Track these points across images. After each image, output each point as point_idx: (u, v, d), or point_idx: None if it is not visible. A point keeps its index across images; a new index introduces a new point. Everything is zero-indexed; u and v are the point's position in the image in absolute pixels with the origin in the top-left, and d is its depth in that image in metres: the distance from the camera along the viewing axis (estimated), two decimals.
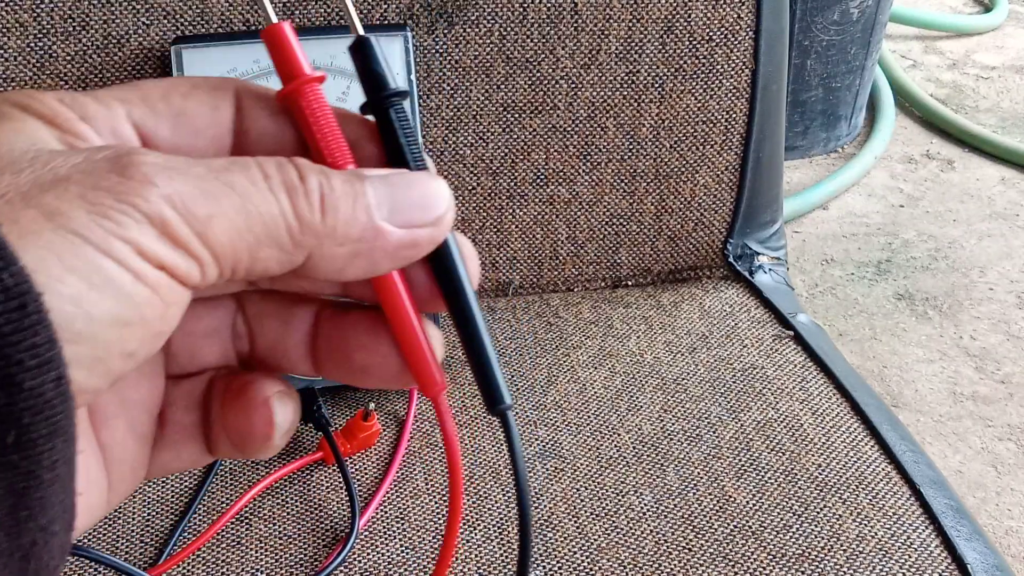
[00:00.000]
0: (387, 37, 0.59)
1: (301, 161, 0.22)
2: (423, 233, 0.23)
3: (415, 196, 0.23)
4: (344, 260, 0.22)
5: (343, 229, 0.21)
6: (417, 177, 0.23)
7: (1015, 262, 1.51)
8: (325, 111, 0.24)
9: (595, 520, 0.52)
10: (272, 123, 0.24)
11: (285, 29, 0.24)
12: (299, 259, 0.21)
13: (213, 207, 0.20)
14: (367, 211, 0.22)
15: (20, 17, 0.58)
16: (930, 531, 0.51)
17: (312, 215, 0.21)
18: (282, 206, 0.21)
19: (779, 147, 0.70)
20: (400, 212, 0.22)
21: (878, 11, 1.61)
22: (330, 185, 0.22)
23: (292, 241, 0.21)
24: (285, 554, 0.50)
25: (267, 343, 0.26)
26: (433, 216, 0.23)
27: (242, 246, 0.20)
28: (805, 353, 0.63)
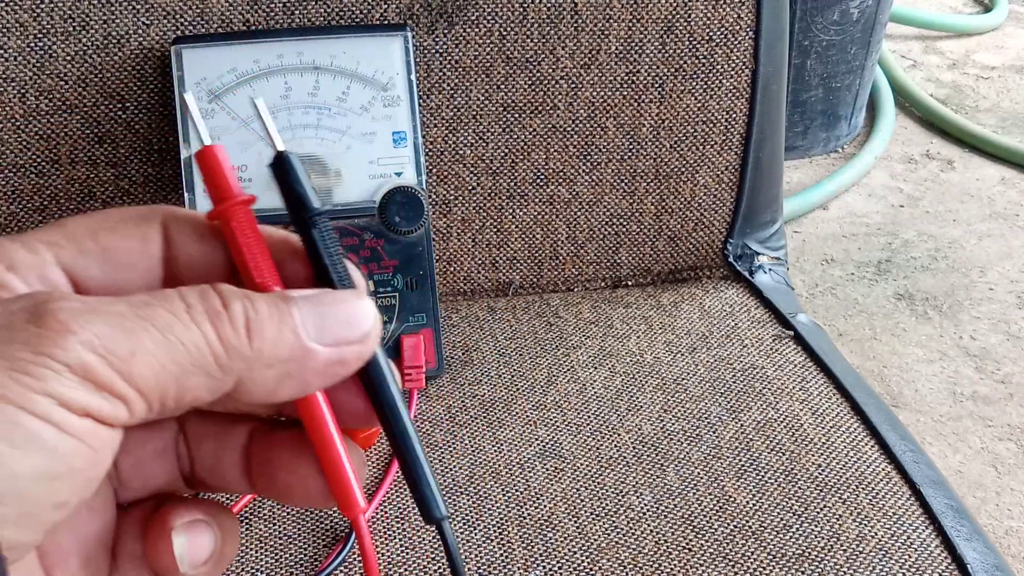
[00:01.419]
0: (387, 37, 0.59)
1: (224, 287, 0.22)
2: (351, 351, 0.23)
3: (341, 315, 0.23)
4: (274, 382, 0.22)
5: (271, 351, 0.22)
6: (343, 296, 0.23)
7: (1015, 262, 1.51)
8: (254, 232, 0.24)
9: (595, 520, 0.52)
10: (201, 248, 0.24)
11: (217, 152, 0.24)
12: (228, 384, 0.22)
13: (134, 344, 0.20)
14: (294, 332, 0.22)
15: (20, 17, 0.58)
16: (930, 531, 0.51)
17: (238, 340, 0.21)
18: (206, 334, 0.21)
19: (779, 147, 0.70)
20: (327, 331, 0.22)
21: (878, 11, 1.61)
22: (255, 309, 0.22)
23: (220, 367, 0.21)
24: (285, 554, 0.50)
25: (205, 463, 0.26)
26: (360, 333, 0.23)
27: (168, 379, 0.21)
28: (805, 353, 0.63)
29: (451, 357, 0.63)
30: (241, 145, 0.57)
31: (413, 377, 0.58)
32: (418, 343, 0.58)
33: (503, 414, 0.59)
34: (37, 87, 0.60)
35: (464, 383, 0.61)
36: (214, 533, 0.24)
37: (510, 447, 0.56)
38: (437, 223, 0.66)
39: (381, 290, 0.58)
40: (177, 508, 0.24)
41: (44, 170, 0.61)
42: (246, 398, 0.22)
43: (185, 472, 0.26)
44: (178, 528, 0.24)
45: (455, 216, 0.66)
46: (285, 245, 0.25)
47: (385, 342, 0.58)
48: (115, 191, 0.62)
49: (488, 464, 0.55)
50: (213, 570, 0.24)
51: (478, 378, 0.61)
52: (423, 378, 0.58)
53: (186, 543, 0.24)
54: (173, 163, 0.62)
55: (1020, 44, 2.13)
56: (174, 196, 0.62)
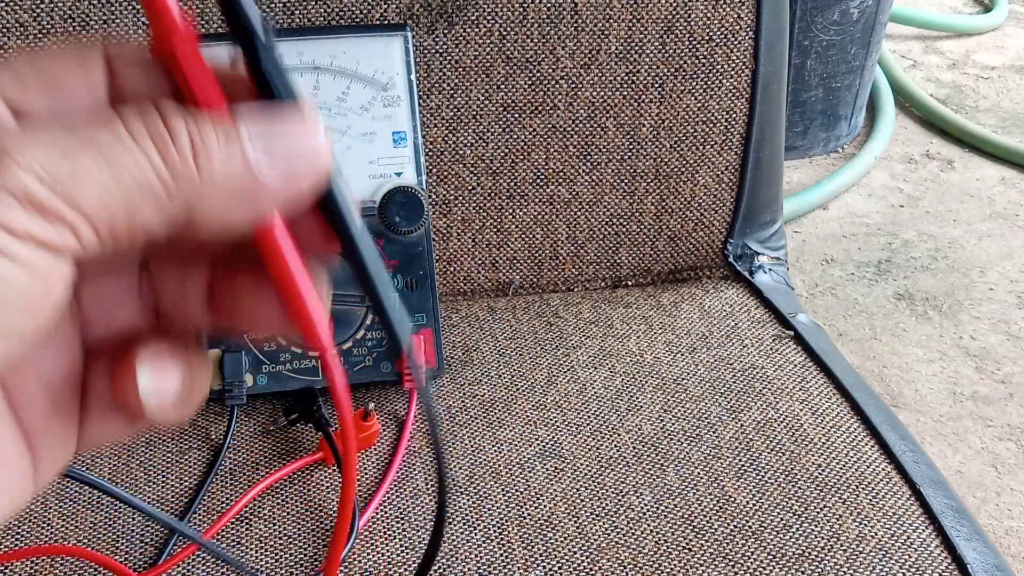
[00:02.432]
0: (387, 37, 0.59)
1: (165, 103, 0.21)
2: (303, 165, 0.22)
3: (291, 132, 0.22)
4: (226, 207, 0.21)
5: (220, 174, 0.21)
6: (292, 112, 0.22)
7: (1015, 262, 1.51)
8: (199, 61, 0.23)
9: (595, 520, 0.52)
10: (146, 78, 0.24)
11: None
12: (179, 212, 0.21)
13: (77, 168, 0.19)
14: (242, 152, 0.21)
15: (20, 17, 0.58)
16: (930, 531, 0.51)
17: (184, 164, 0.20)
18: (150, 157, 0.20)
19: (779, 147, 0.70)
20: (278, 149, 0.22)
21: (878, 11, 1.61)
22: (199, 129, 0.21)
23: (167, 192, 0.20)
24: (285, 554, 0.50)
25: (169, 302, 0.25)
26: (312, 150, 0.22)
27: (115, 204, 0.20)
28: (805, 353, 0.63)
29: (451, 357, 0.63)
30: None
31: (413, 377, 0.58)
32: (418, 343, 0.58)
33: (503, 414, 0.58)
34: None
35: (464, 383, 0.61)
36: (181, 368, 0.24)
37: (510, 447, 0.56)
38: (437, 223, 0.66)
39: None
40: (143, 344, 0.24)
41: None
42: (200, 226, 0.21)
43: (149, 315, 0.25)
44: (143, 362, 0.23)
45: (455, 216, 0.66)
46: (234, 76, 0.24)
47: (385, 343, 0.58)
48: None
49: (488, 464, 0.55)
50: (182, 408, 0.24)
51: (478, 378, 0.61)
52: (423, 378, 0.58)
53: (151, 378, 0.23)
54: None
55: (1020, 44, 2.13)
56: None
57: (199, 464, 0.55)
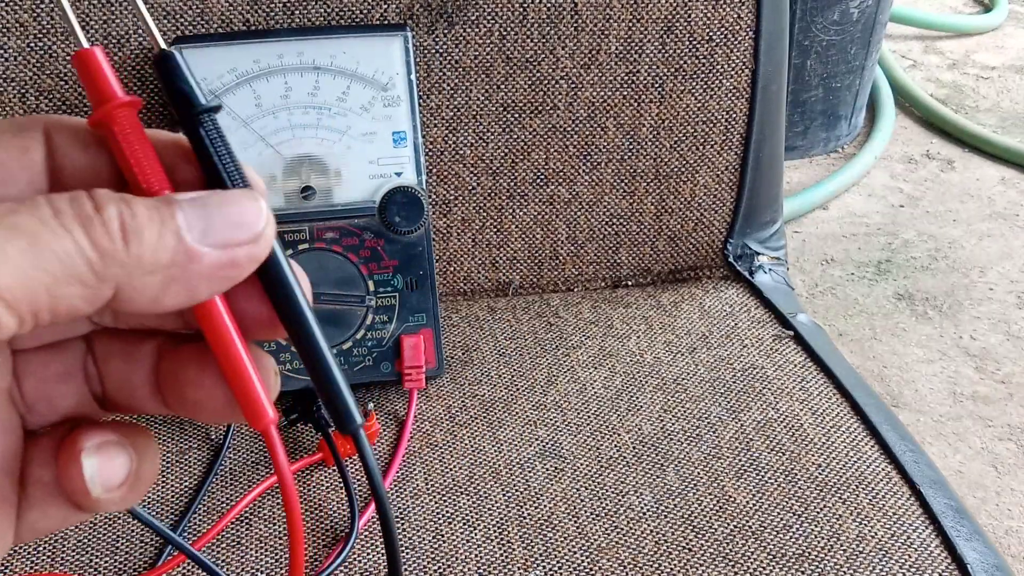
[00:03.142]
0: (387, 37, 0.59)
1: (99, 191, 0.21)
2: (242, 252, 0.22)
3: (230, 214, 0.22)
4: (158, 288, 0.21)
5: (151, 256, 0.21)
6: (232, 195, 0.22)
7: (1015, 262, 1.51)
8: (139, 136, 0.23)
9: (595, 520, 0.52)
10: (85, 156, 0.23)
11: (96, 54, 0.23)
12: (106, 292, 0.21)
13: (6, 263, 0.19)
14: (176, 234, 0.21)
15: (20, 17, 0.58)
16: (930, 531, 0.51)
17: (112, 245, 0.20)
18: (77, 240, 0.20)
19: (779, 147, 0.70)
20: (214, 232, 0.21)
21: (878, 11, 1.61)
22: (132, 212, 0.21)
23: (94, 275, 0.20)
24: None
25: (115, 383, 0.25)
26: (250, 233, 0.22)
27: (37, 287, 0.20)
28: (805, 353, 0.63)
29: (451, 357, 0.63)
30: (241, 145, 0.57)
31: (413, 377, 0.58)
32: (418, 343, 0.58)
33: (503, 414, 0.58)
34: (37, 87, 0.60)
35: (464, 383, 0.61)
36: (128, 454, 0.23)
37: (510, 447, 0.56)
38: (437, 223, 0.66)
39: (381, 290, 0.58)
40: (88, 430, 0.23)
41: None
42: (130, 307, 0.21)
43: (96, 394, 0.25)
44: (88, 449, 0.23)
45: (455, 216, 0.66)
46: (175, 148, 0.24)
47: (385, 342, 0.58)
48: None
49: (488, 464, 0.55)
50: (129, 493, 0.23)
51: (478, 378, 0.61)
52: (423, 378, 0.58)
53: (97, 465, 0.23)
54: None
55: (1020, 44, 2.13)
56: None
57: (199, 464, 0.55)
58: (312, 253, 0.57)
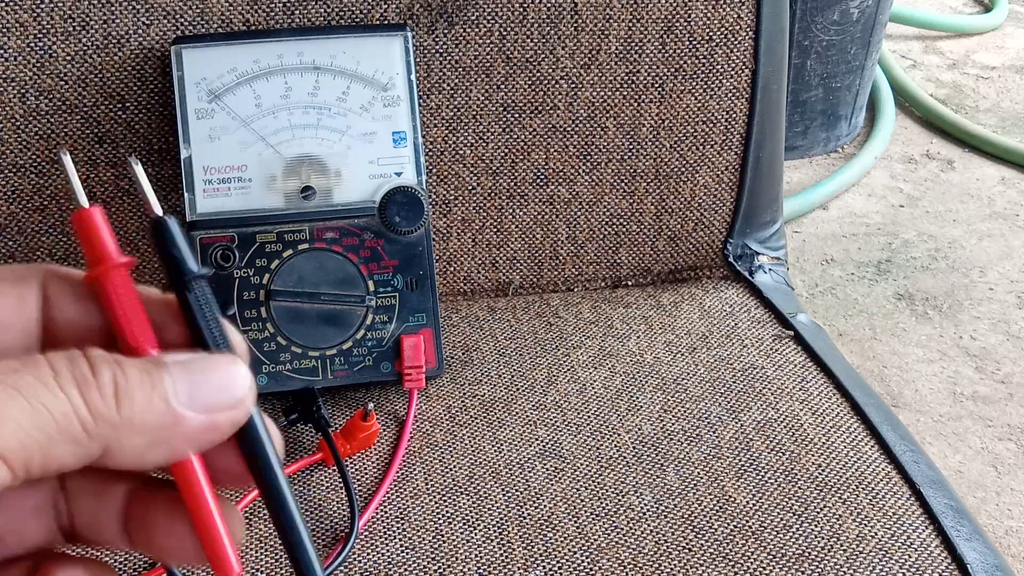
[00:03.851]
0: (387, 37, 0.59)
1: (94, 352, 0.22)
2: (223, 417, 0.23)
3: (214, 380, 0.23)
4: (143, 448, 0.22)
5: (140, 418, 0.22)
6: (217, 361, 0.23)
7: (1015, 262, 1.51)
8: (130, 295, 0.24)
9: (595, 520, 0.52)
10: (79, 308, 0.24)
11: (95, 215, 0.24)
12: (95, 451, 0.21)
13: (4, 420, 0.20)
14: (164, 399, 0.22)
15: (20, 17, 0.58)
16: (930, 531, 0.51)
17: (106, 407, 0.21)
18: (73, 402, 0.21)
19: (779, 147, 0.70)
20: (199, 397, 0.22)
21: (878, 11, 1.61)
22: (124, 375, 0.22)
23: (87, 434, 0.21)
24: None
25: (84, 520, 0.25)
26: (233, 399, 0.23)
27: (33, 446, 0.21)
28: (805, 353, 0.63)
29: (451, 357, 0.63)
30: (241, 145, 0.57)
31: (413, 377, 0.58)
32: (418, 343, 0.58)
33: (503, 414, 0.58)
34: (37, 87, 0.60)
35: (464, 383, 0.61)
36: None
37: (510, 447, 0.56)
38: (437, 223, 0.66)
39: (381, 290, 0.58)
40: (55, 566, 0.24)
41: (44, 170, 0.61)
42: (114, 464, 0.22)
43: (64, 528, 0.26)
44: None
45: (455, 216, 0.66)
46: (164, 307, 0.25)
47: (385, 342, 0.58)
48: (115, 191, 0.62)
49: (488, 464, 0.55)
50: None
51: (478, 378, 0.61)
52: (423, 378, 0.58)
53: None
54: (173, 163, 0.62)
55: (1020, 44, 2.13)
56: (174, 196, 0.62)
57: None
58: (312, 253, 0.57)
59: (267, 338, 0.57)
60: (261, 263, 0.57)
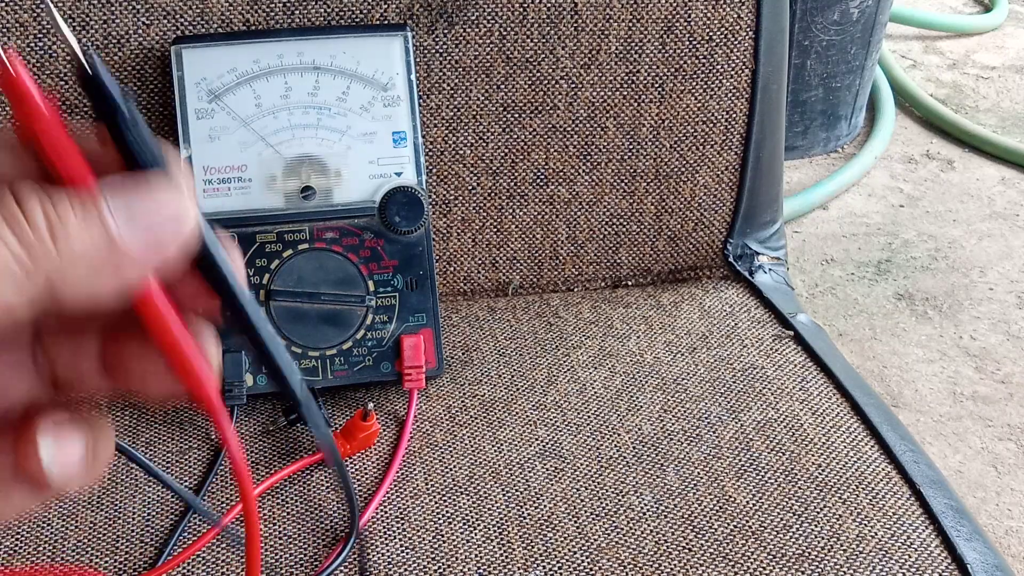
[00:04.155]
0: (387, 37, 0.59)
1: (21, 185, 0.21)
2: (166, 233, 0.22)
3: (150, 198, 0.22)
4: (90, 279, 0.21)
5: (79, 248, 0.21)
6: (151, 179, 0.23)
7: (1015, 262, 1.51)
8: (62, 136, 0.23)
9: (595, 520, 0.52)
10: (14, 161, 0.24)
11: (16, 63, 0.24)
12: (40, 288, 0.21)
13: None
14: (100, 225, 0.21)
15: (20, 17, 0.58)
16: (930, 531, 0.51)
17: (40, 242, 0.21)
18: (6, 242, 0.20)
19: (779, 147, 0.70)
20: (136, 217, 0.22)
21: (878, 11, 1.61)
22: (54, 205, 0.21)
23: (25, 272, 0.20)
24: (285, 554, 0.50)
25: (63, 367, 0.25)
26: (173, 213, 0.22)
27: None
28: (805, 353, 0.63)
29: (451, 357, 0.63)
30: (241, 145, 0.57)
31: (413, 377, 0.58)
32: (418, 343, 0.58)
33: (503, 414, 0.58)
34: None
35: (464, 383, 0.61)
36: (83, 434, 0.24)
37: (510, 447, 0.56)
38: (437, 223, 0.66)
39: (381, 290, 0.58)
40: (43, 415, 0.24)
41: None
42: (68, 301, 0.21)
43: (47, 378, 0.25)
44: (43, 431, 0.23)
45: (455, 216, 0.66)
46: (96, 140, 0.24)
47: (385, 342, 0.58)
48: None
49: (488, 464, 0.55)
50: (87, 474, 0.24)
51: (478, 378, 0.61)
52: (423, 378, 0.58)
53: (53, 446, 0.23)
54: None
55: (1020, 44, 2.13)
56: None
57: (199, 464, 0.55)
58: (312, 253, 0.57)
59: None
60: (261, 263, 0.57)
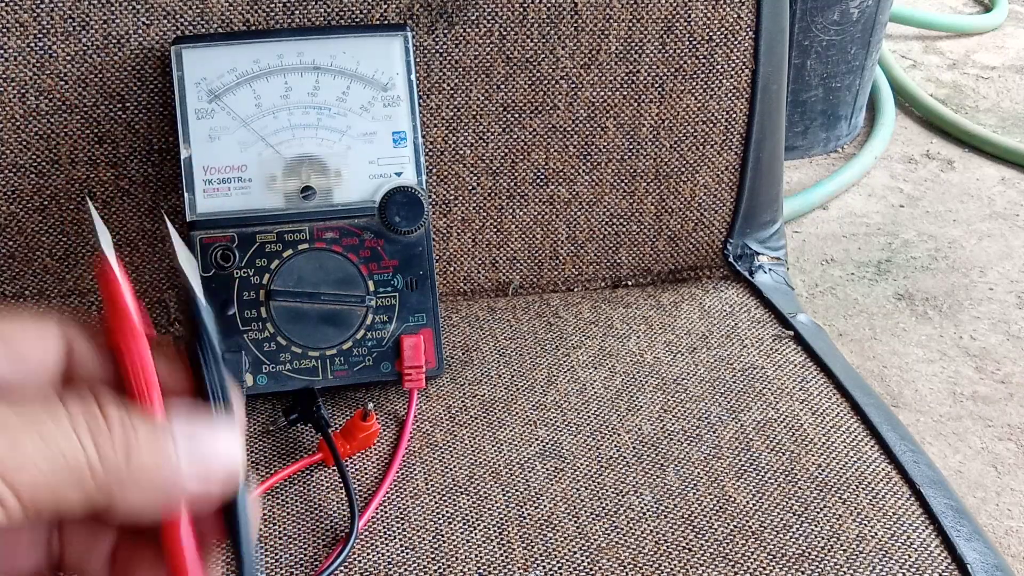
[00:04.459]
0: (387, 37, 0.59)
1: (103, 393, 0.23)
2: (216, 485, 0.24)
3: (212, 448, 0.24)
4: (142, 503, 0.23)
5: (145, 473, 0.23)
6: (217, 432, 0.25)
7: (1015, 262, 1.51)
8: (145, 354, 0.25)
9: (595, 520, 0.52)
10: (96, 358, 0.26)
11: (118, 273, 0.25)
12: (100, 497, 0.23)
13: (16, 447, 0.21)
14: (168, 457, 0.23)
15: (20, 17, 0.58)
16: (930, 531, 0.51)
17: (116, 457, 0.22)
18: (84, 444, 0.22)
19: (779, 147, 0.70)
20: (198, 452, 0.24)
21: (878, 11, 1.61)
22: (134, 428, 0.23)
23: (95, 478, 0.22)
24: (285, 554, 0.50)
25: (74, 555, 0.27)
26: (226, 472, 0.24)
27: (45, 488, 0.22)
28: (805, 353, 0.63)
29: (451, 357, 0.63)
30: (241, 145, 0.57)
31: (413, 377, 0.58)
32: (418, 343, 0.58)
33: (503, 414, 0.59)
34: (37, 87, 0.60)
35: (464, 383, 0.61)
36: None
37: (510, 447, 0.56)
38: (437, 223, 0.66)
39: (381, 290, 0.58)
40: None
41: (44, 170, 0.61)
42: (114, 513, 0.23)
43: (53, 562, 0.27)
44: None
45: (455, 216, 0.66)
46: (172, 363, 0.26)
47: (385, 342, 0.58)
48: (115, 191, 0.62)
49: (488, 464, 0.55)
50: None
51: (478, 378, 0.61)
52: (423, 378, 0.58)
53: None
54: (173, 163, 0.62)
55: (1020, 44, 2.13)
56: (174, 196, 0.62)
57: None
58: (312, 253, 0.57)
59: (267, 338, 0.57)
60: (261, 263, 0.57)
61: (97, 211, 0.27)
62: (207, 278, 0.56)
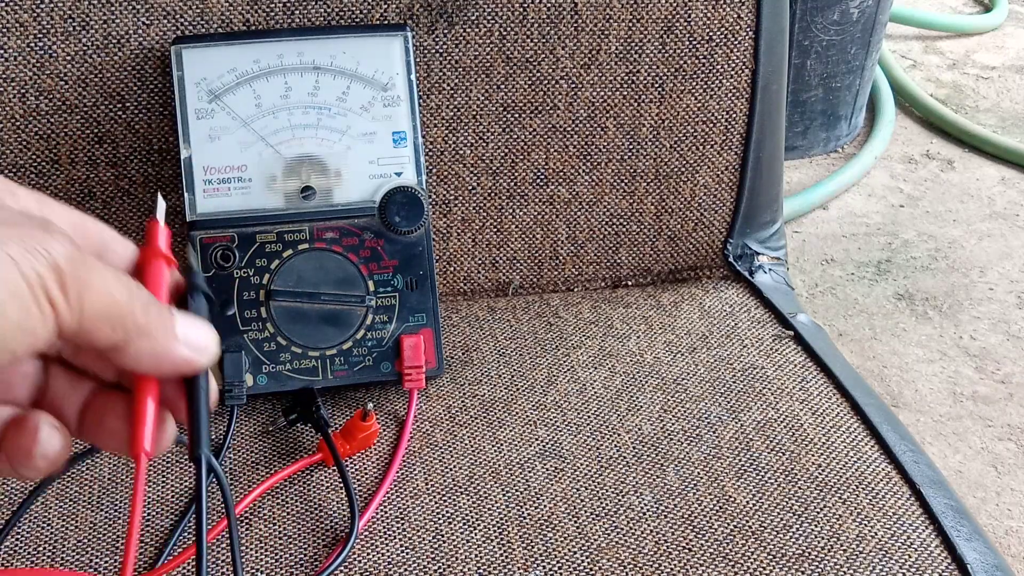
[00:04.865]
0: (387, 37, 0.59)
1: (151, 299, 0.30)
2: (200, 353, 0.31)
3: (199, 332, 0.31)
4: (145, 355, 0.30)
5: (155, 332, 0.30)
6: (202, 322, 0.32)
7: (1015, 262, 1.51)
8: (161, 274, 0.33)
9: (595, 520, 0.52)
10: None
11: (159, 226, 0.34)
12: (120, 342, 0.29)
13: (95, 278, 0.27)
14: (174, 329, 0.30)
15: (20, 17, 0.58)
16: (930, 531, 0.51)
17: (145, 311, 0.29)
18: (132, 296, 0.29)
19: (779, 147, 0.70)
20: (188, 340, 0.31)
21: (878, 11, 1.61)
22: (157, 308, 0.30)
23: (124, 327, 0.28)
24: (285, 554, 0.50)
25: (54, 397, 0.33)
26: (207, 346, 0.31)
27: (98, 318, 0.27)
28: (805, 353, 0.63)
29: (451, 357, 0.63)
30: (241, 145, 0.57)
31: (413, 377, 0.58)
32: (418, 343, 0.58)
33: (503, 414, 0.59)
34: (37, 87, 0.60)
35: (464, 383, 0.61)
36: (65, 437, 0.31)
37: (510, 447, 0.56)
38: (437, 223, 0.66)
39: (381, 290, 0.58)
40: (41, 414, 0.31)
41: (44, 170, 0.61)
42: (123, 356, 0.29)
43: (34, 397, 0.33)
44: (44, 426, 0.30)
45: (455, 216, 0.66)
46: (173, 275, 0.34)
47: (385, 342, 0.58)
48: (115, 191, 0.62)
49: (488, 464, 0.55)
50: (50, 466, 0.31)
51: (478, 378, 0.61)
52: (423, 378, 0.58)
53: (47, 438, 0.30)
54: (173, 163, 0.62)
55: (1020, 44, 2.13)
56: (174, 196, 0.62)
57: None
58: (312, 253, 0.57)
59: (267, 338, 0.57)
60: (261, 263, 0.57)
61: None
62: (207, 278, 0.56)
